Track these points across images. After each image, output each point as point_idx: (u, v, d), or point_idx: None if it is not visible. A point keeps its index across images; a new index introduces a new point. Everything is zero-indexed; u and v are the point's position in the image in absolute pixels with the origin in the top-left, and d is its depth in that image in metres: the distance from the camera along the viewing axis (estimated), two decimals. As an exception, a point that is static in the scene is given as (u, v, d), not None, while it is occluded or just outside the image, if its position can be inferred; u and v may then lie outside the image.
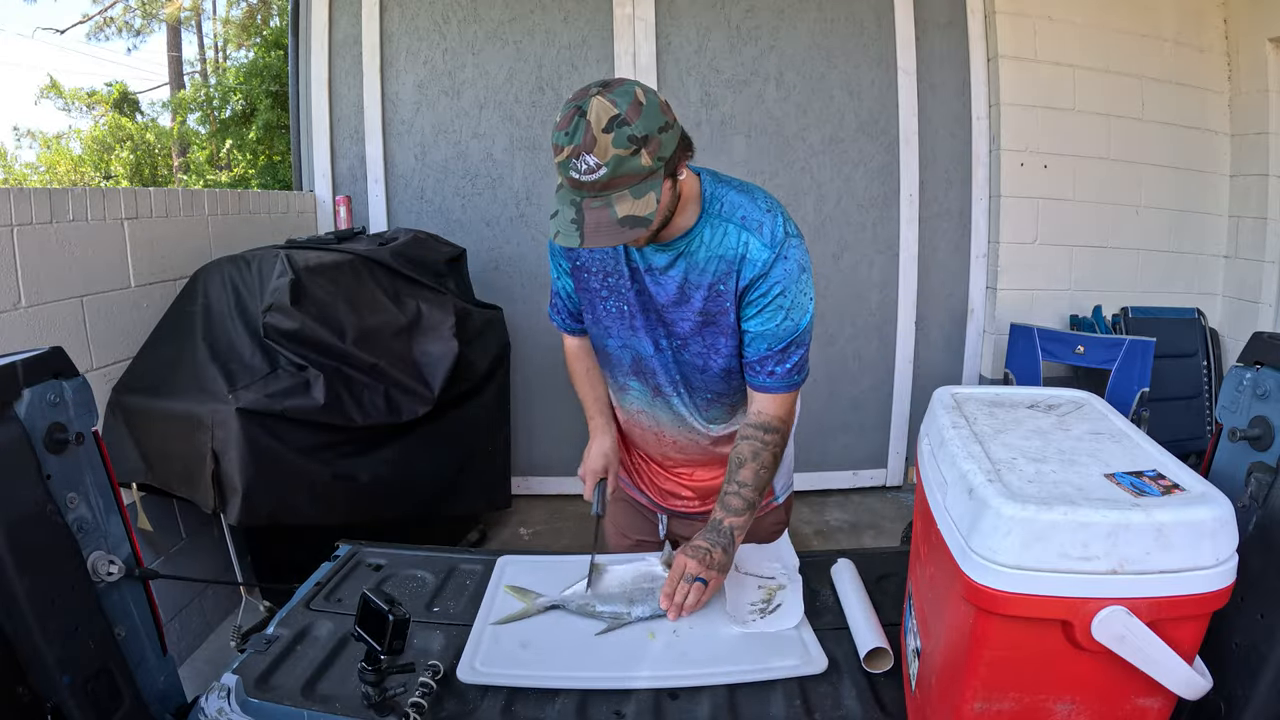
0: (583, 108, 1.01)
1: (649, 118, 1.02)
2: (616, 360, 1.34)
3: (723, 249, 1.18)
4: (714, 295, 1.20)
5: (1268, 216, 3.10)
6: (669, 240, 1.19)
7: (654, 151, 1.03)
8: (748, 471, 1.21)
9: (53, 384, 1.05)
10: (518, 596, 1.24)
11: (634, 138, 1.01)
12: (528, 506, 3.34)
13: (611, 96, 1.01)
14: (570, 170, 1.03)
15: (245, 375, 2.03)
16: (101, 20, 11.72)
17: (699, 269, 1.19)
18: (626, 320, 1.27)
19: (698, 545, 1.18)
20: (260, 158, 9.48)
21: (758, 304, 1.18)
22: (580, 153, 1.01)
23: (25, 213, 1.84)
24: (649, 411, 1.37)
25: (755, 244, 1.16)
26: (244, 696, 1.01)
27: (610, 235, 1.04)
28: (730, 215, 1.18)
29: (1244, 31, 3.15)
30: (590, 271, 1.27)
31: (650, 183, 1.04)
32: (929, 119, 3.22)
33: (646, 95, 1.04)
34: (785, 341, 1.20)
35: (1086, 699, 0.74)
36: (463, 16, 3.18)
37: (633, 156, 1.02)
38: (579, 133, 1.01)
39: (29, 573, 0.96)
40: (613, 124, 1.00)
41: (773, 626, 1.13)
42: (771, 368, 1.21)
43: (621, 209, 1.03)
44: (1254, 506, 0.87)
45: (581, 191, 1.04)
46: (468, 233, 3.23)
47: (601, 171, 1.01)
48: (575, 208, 1.05)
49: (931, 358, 3.42)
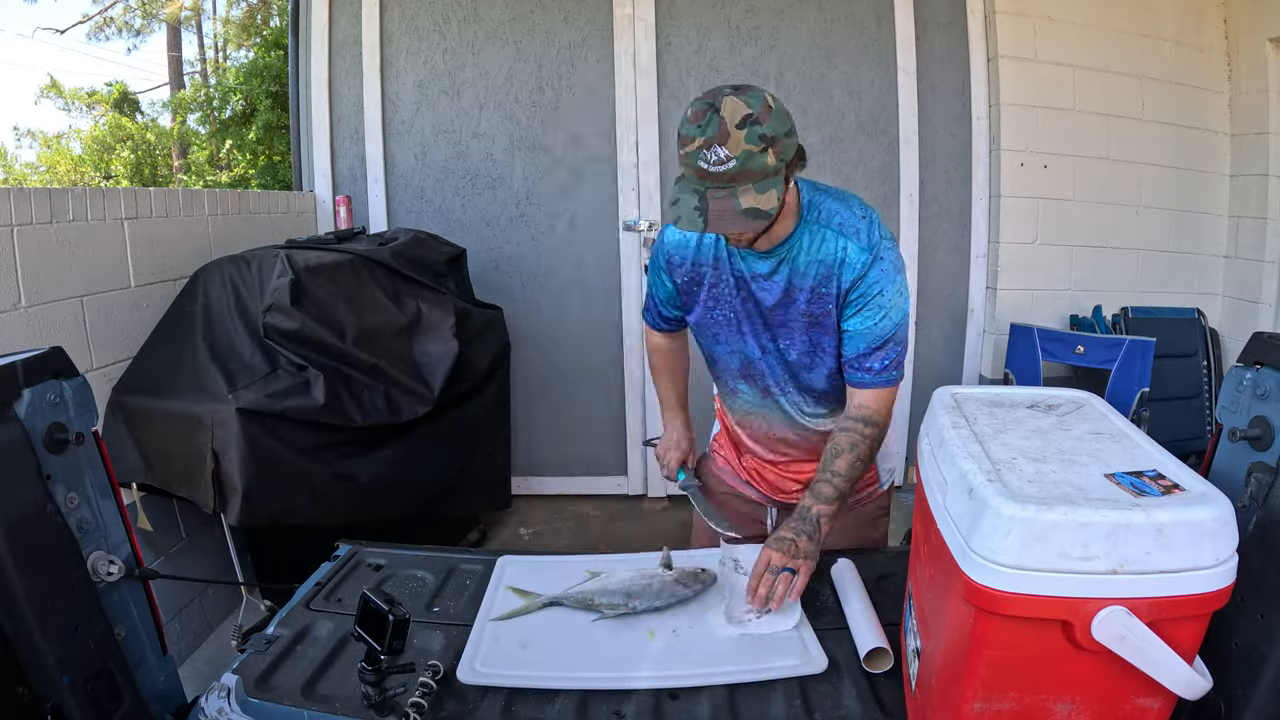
0: (716, 105, 1.08)
1: (778, 120, 1.10)
2: (725, 365, 1.41)
3: (822, 254, 1.24)
4: (816, 298, 1.26)
5: (1268, 216, 3.10)
6: (771, 248, 1.25)
7: (779, 152, 1.10)
8: (843, 462, 1.25)
9: (53, 384, 1.05)
10: (518, 596, 1.24)
11: (764, 136, 1.08)
12: (528, 506, 3.34)
13: (745, 98, 1.08)
14: (699, 160, 1.09)
15: (245, 375, 2.02)
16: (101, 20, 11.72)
17: (800, 273, 1.25)
18: (735, 326, 1.34)
19: (782, 536, 1.20)
20: (260, 158, 9.47)
21: (857, 304, 1.24)
22: (713, 144, 1.07)
23: (25, 213, 1.84)
24: (760, 412, 1.43)
25: (853, 248, 1.22)
26: (244, 696, 1.01)
27: (734, 223, 1.10)
28: (828, 221, 1.24)
29: (1244, 31, 3.15)
30: (698, 284, 1.35)
31: (773, 180, 1.11)
32: (929, 119, 3.22)
33: (775, 101, 1.11)
34: (882, 339, 1.25)
35: (1086, 699, 0.74)
36: (463, 16, 3.18)
37: (761, 154, 1.08)
38: (712, 126, 1.07)
39: (29, 573, 0.96)
40: (746, 121, 1.07)
41: (768, 628, 1.13)
42: (870, 364, 1.27)
43: (746, 200, 1.09)
44: (1254, 506, 0.87)
45: (707, 182, 1.10)
46: (468, 233, 3.22)
47: (731, 164, 1.08)
48: (699, 196, 1.11)
49: (931, 358, 3.42)
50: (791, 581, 1.16)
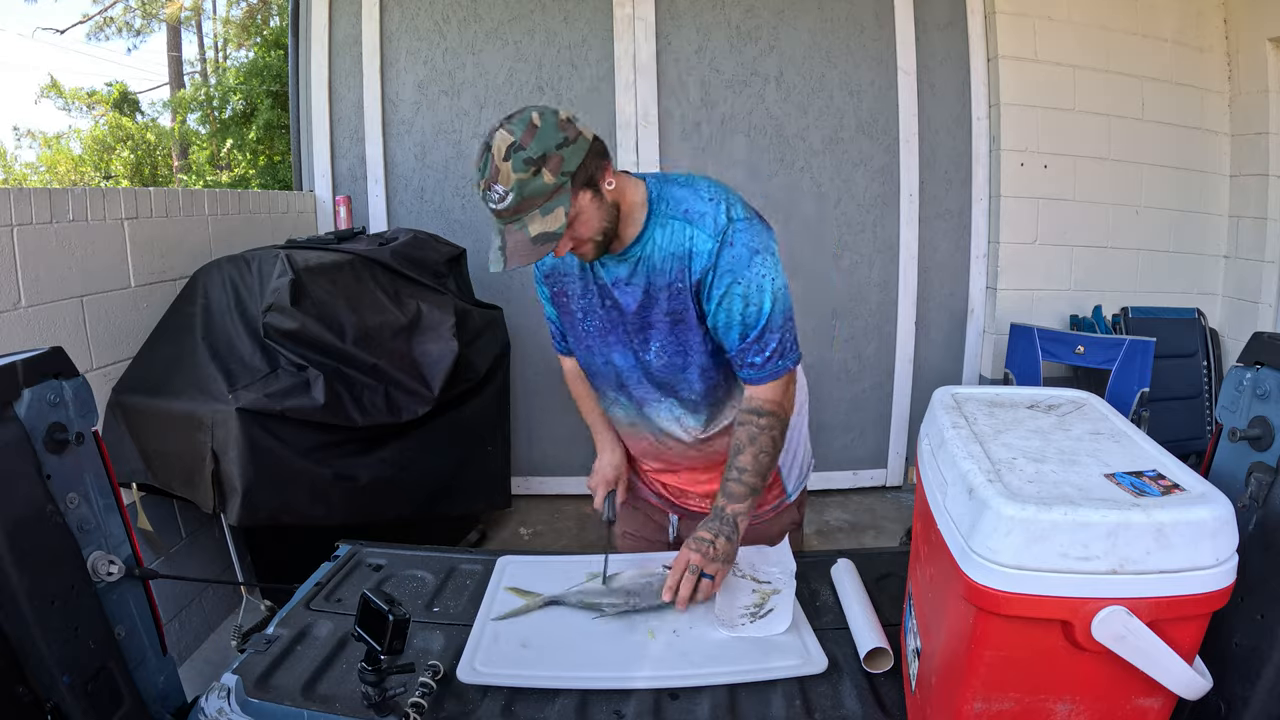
0: (489, 142, 1.09)
1: (544, 137, 1.08)
2: (602, 377, 1.37)
3: (673, 246, 1.19)
4: (675, 294, 1.21)
5: (1268, 216, 3.10)
6: (623, 250, 1.21)
7: (555, 168, 1.08)
8: (746, 457, 1.22)
9: (53, 384, 1.05)
10: (518, 596, 1.24)
11: (530, 160, 1.07)
12: (528, 506, 3.34)
13: (510, 126, 1.08)
14: (487, 202, 1.10)
15: (245, 375, 2.02)
16: (101, 20, 11.72)
17: (657, 270, 1.21)
18: (603, 336, 1.30)
19: (700, 536, 1.18)
20: (260, 158, 9.48)
21: (714, 296, 1.18)
22: (490, 184, 1.08)
23: (25, 213, 1.84)
24: (638, 423, 1.39)
25: (700, 236, 1.17)
26: (244, 696, 1.01)
27: (526, 254, 1.10)
28: (675, 212, 1.19)
29: (1244, 31, 3.15)
30: (568, 295, 1.32)
31: (557, 199, 1.09)
32: (929, 119, 3.22)
33: (543, 116, 1.09)
34: (756, 329, 1.19)
35: (1086, 699, 0.74)
36: (463, 16, 3.18)
37: (534, 178, 1.07)
38: (487, 166, 1.08)
39: (29, 573, 0.96)
40: (510, 151, 1.06)
41: (761, 632, 1.13)
42: (750, 358, 1.21)
43: (534, 228, 1.09)
44: (1254, 506, 0.86)
45: (501, 219, 1.11)
46: (468, 233, 3.22)
47: (510, 198, 1.08)
48: (500, 235, 1.12)
49: (931, 358, 3.42)
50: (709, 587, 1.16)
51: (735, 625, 1.14)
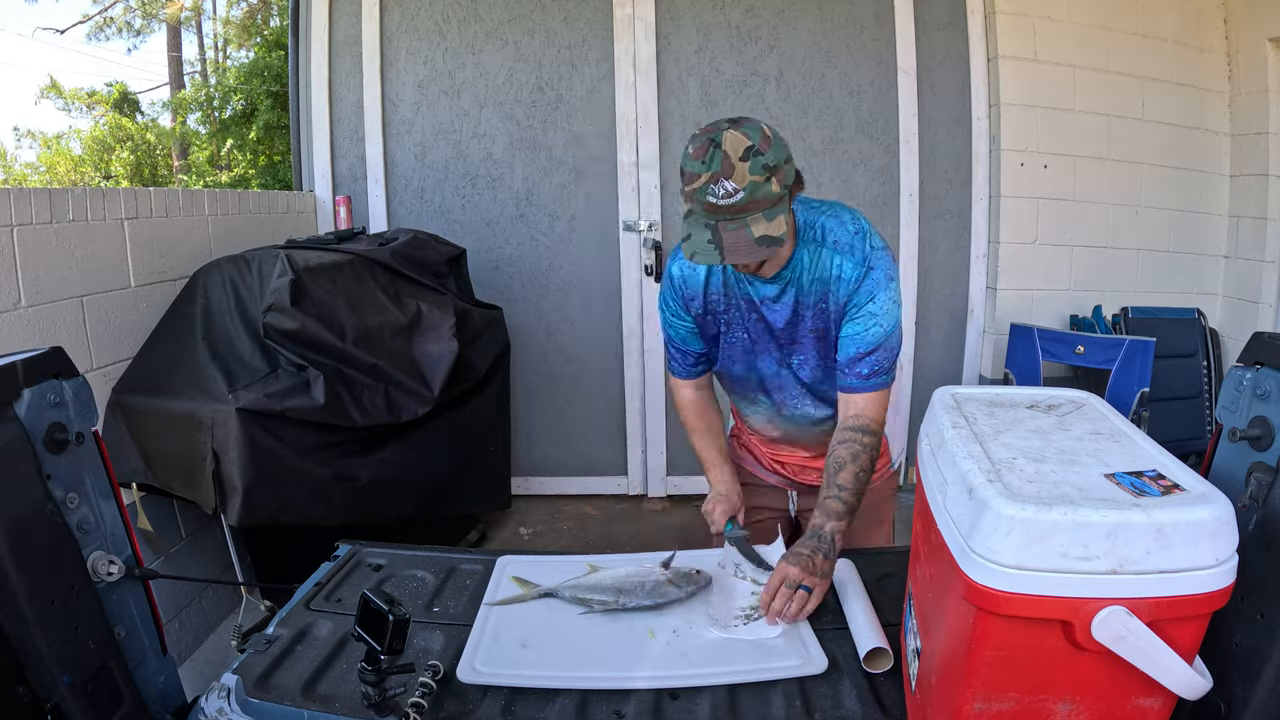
0: (717, 140, 1.12)
1: (777, 149, 1.15)
2: (744, 383, 1.46)
3: (820, 271, 1.29)
4: (819, 314, 1.32)
5: (1268, 216, 3.10)
6: (775, 272, 1.30)
7: (782, 179, 1.15)
8: (846, 475, 1.27)
9: (53, 384, 1.05)
10: (519, 586, 1.25)
11: (767, 166, 1.12)
12: (528, 506, 3.34)
13: (744, 130, 1.13)
14: (708, 195, 1.13)
15: (245, 375, 2.02)
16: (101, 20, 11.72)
17: (805, 291, 1.31)
18: (749, 347, 1.39)
19: (800, 552, 1.19)
20: (260, 158, 9.48)
21: (850, 313, 1.29)
22: (719, 178, 1.12)
23: (25, 213, 1.84)
24: (775, 421, 1.49)
25: (848, 264, 1.27)
26: (244, 696, 1.01)
27: (749, 252, 1.14)
28: (824, 240, 1.29)
29: (1244, 31, 3.15)
30: (714, 314, 1.40)
31: (779, 207, 1.16)
32: (929, 119, 3.22)
33: (772, 130, 1.16)
34: (872, 345, 1.28)
35: (1086, 699, 0.74)
36: (463, 16, 3.18)
37: (765, 183, 1.13)
38: (715, 160, 1.11)
39: (29, 573, 0.96)
40: (749, 153, 1.11)
41: (753, 634, 1.12)
42: (859, 369, 1.30)
43: (758, 229, 1.14)
44: (1254, 506, 0.87)
45: (718, 215, 1.15)
46: (468, 233, 3.22)
47: (739, 195, 1.12)
48: (710, 230, 1.15)
49: (931, 358, 3.42)
50: (806, 600, 1.15)
51: (728, 626, 1.14)
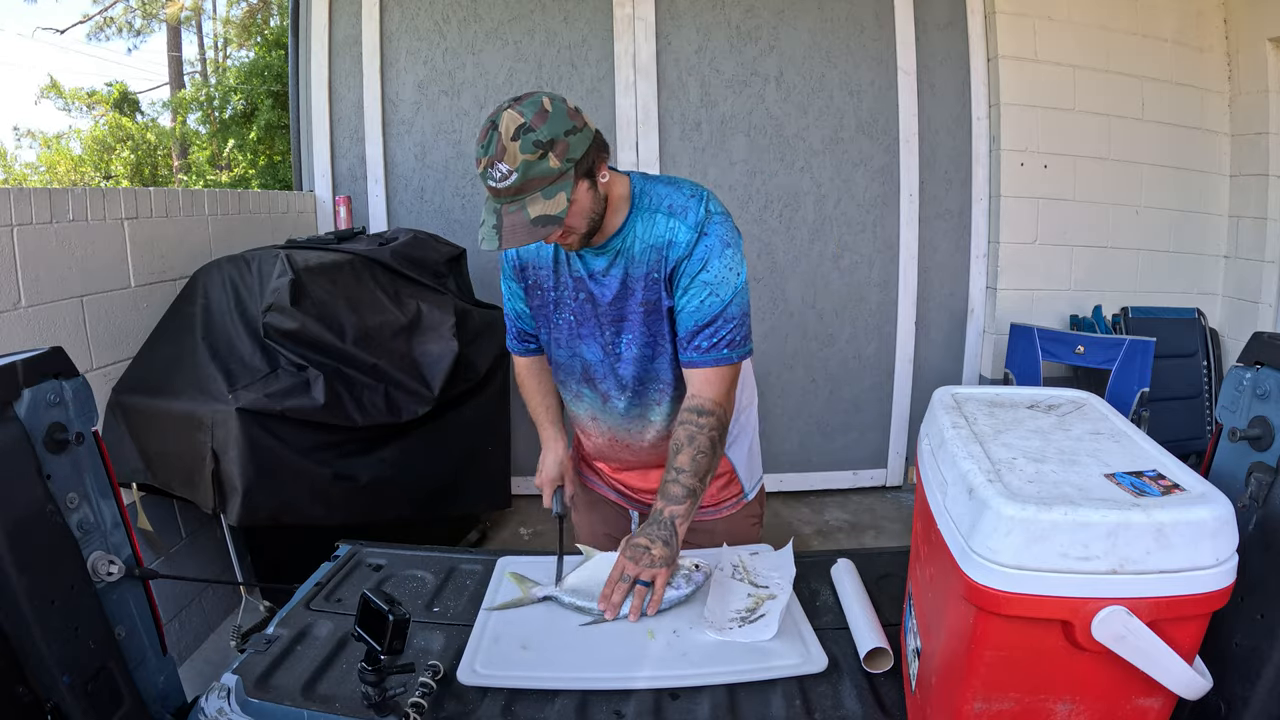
0: (495, 121, 1.10)
1: (555, 123, 1.10)
2: (568, 369, 1.40)
3: (653, 238, 1.24)
4: (650, 284, 1.25)
5: (1268, 216, 3.10)
6: (604, 243, 1.25)
7: (561, 154, 1.10)
8: (684, 457, 1.23)
9: (53, 384, 1.05)
10: (517, 583, 1.25)
11: (539, 142, 1.08)
12: (528, 506, 3.34)
13: (520, 108, 1.10)
14: (488, 179, 1.11)
15: (245, 375, 2.02)
16: (101, 20, 11.72)
17: (635, 261, 1.25)
18: (575, 329, 1.33)
19: (636, 543, 1.18)
20: (260, 158, 9.48)
21: (683, 284, 1.23)
22: (494, 162, 1.09)
23: (25, 213, 1.84)
24: (601, 418, 1.42)
25: (680, 227, 1.22)
26: (244, 696, 1.01)
27: (525, 234, 1.11)
28: (658, 206, 1.24)
29: (1244, 31, 3.15)
30: (541, 288, 1.35)
31: (560, 184, 1.11)
32: (929, 119, 3.22)
33: (553, 103, 1.11)
34: (710, 316, 1.23)
35: (1086, 699, 0.74)
36: (463, 16, 3.18)
37: (540, 160, 1.09)
38: (492, 143, 1.09)
39: (29, 573, 0.96)
40: (519, 132, 1.08)
41: (748, 637, 1.12)
42: (698, 341, 1.25)
43: (534, 210, 1.10)
44: (1254, 506, 0.86)
45: (500, 198, 1.12)
46: (468, 233, 3.22)
47: (513, 177, 1.09)
48: (495, 214, 1.12)
49: (931, 358, 3.42)
50: (647, 594, 1.15)
51: (723, 629, 1.14)
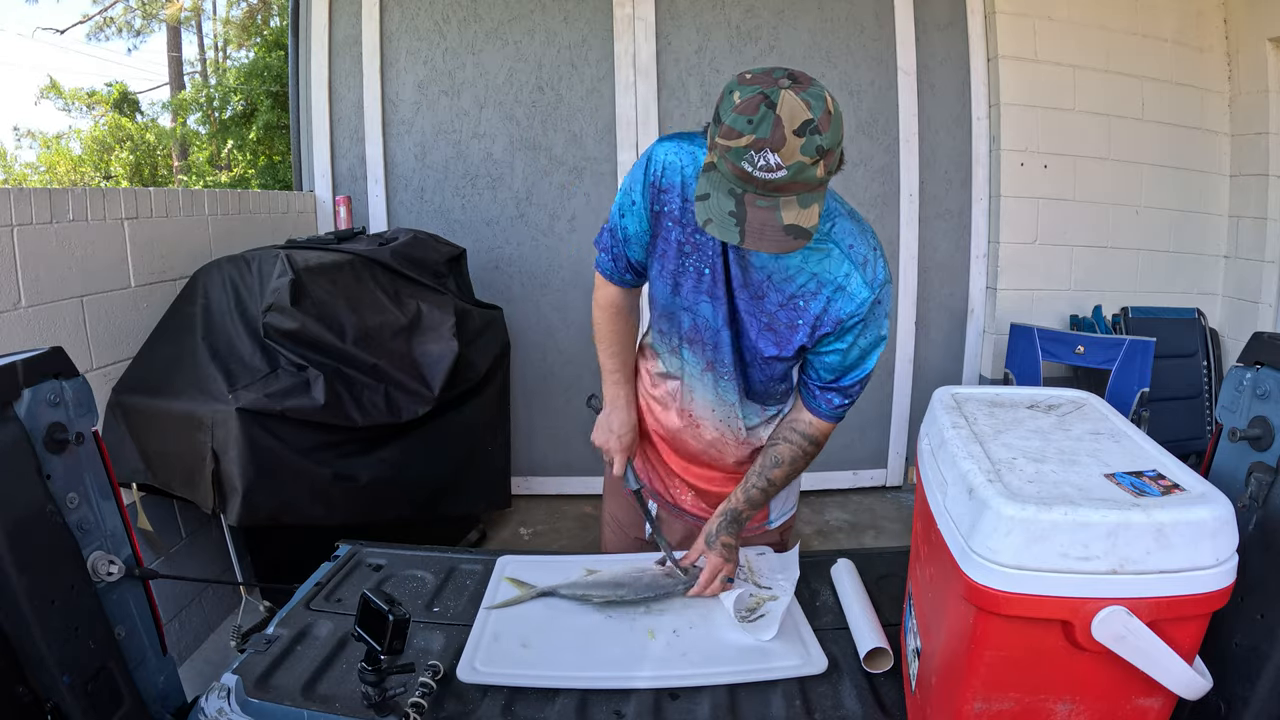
0: (772, 99, 0.94)
1: (836, 130, 0.97)
2: (675, 320, 1.25)
3: (820, 268, 1.13)
4: (792, 306, 1.15)
5: (1268, 216, 3.10)
6: None
7: (829, 166, 0.99)
8: (780, 472, 1.27)
9: (53, 384, 1.05)
10: (516, 587, 1.26)
11: (820, 148, 0.95)
12: (528, 506, 3.34)
13: (805, 96, 0.95)
14: (743, 160, 0.95)
15: (245, 375, 2.02)
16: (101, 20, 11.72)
17: (785, 274, 1.14)
18: (705, 284, 1.19)
19: (727, 544, 1.24)
20: (260, 158, 9.48)
21: (844, 338, 1.16)
22: (764, 147, 0.94)
23: (25, 213, 1.84)
24: (691, 386, 1.30)
25: (857, 280, 1.12)
26: (244, 696, 1.01)
27: (774, 242, 0.98)
28: (839, 240, 1.13)
29: (1244, 31, 3.15)
30: (678, 223, 1.18)
31: (817, 194, 0.99)
32: (929, 119, 3.22)
33: (835, 104, 0.98)
34: (855, 378, 1.21)
35: (1086, 699, 0.74)
36: (463, 16, 3.18)
37: (813, 166, 0.96)
38: (765, 125, 0.93)
39: (29, 573, 0.96)
40: (805, 128, 0.94)
41: (746, 636, 1.13)
42: (830, 397, 1.24)
43: (788, 215, 0.97)
44: (1254, 506, 0.87)
45: (748, 185, 0.97)
46: (468, 233, 3.22)
47: (781, 173, 0.95)
48: (735, 199, 0.98)
49: (931, 358, 3.42)
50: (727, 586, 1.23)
51: (736, 618, 1.15)
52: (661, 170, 1.17)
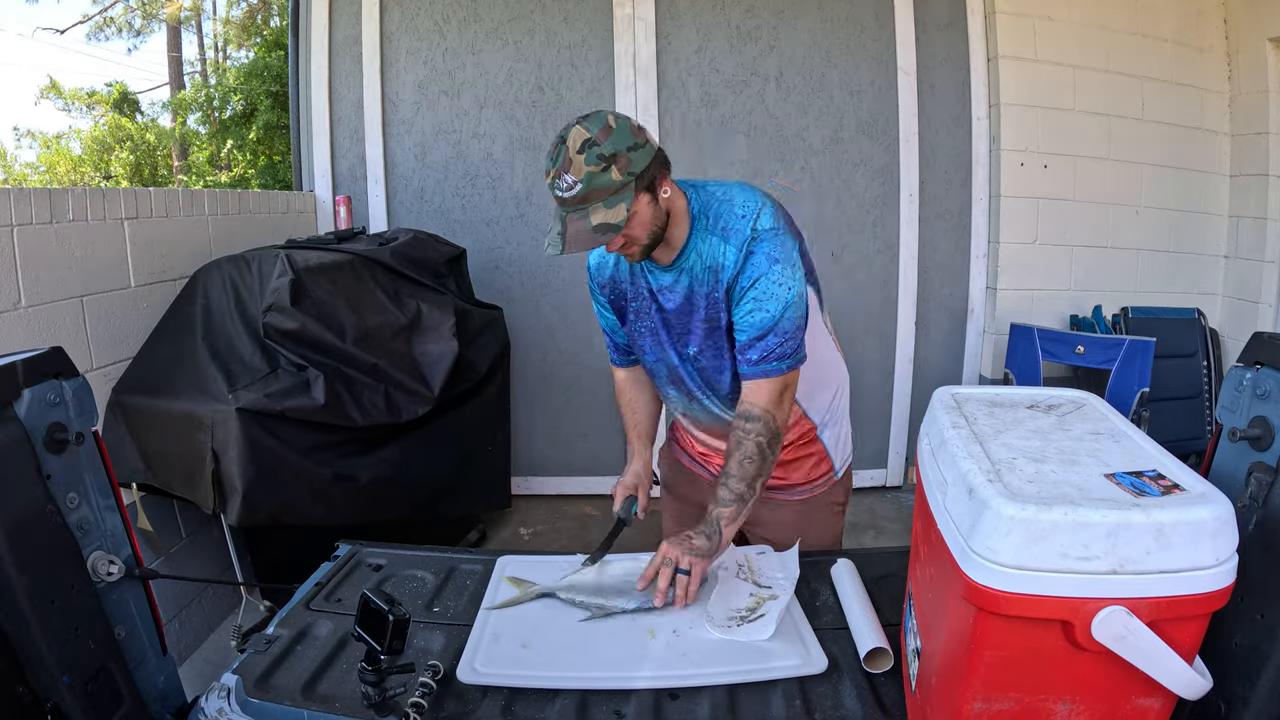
0: (564, 136, 1.18)
1: (618, 138, 1.17)
2: (655, 373, 1.48)
3: (709, 259, 1.29)
4: (711, 302, 1.31)
5: (1268, 216, 3.10)
6: (671, 261, 1.31)
7: (624, 167, 1.17)
8: (733, 462, 1.28)
9: (53, 384, 1.05)
10: (515, 586, 1.26)
11: (602, 155, 1.16)
12: (528, 506, 3.34)
13: (586, 124, 1.17)
14: (555, 189, 1.19)
15: (245, 375, 2.03)
16: (101, 20, 11.72)
17: (697, 279, 1.31)
18: (655, 337, 1.40)
19: (681, 534, 1.26)
20: (260, 158, 9.48)
21: (736, 299, 1.29)
22: (560, 173, 1.17)
23: (25, 213, 1.84)
24: (689, 414, 1.50)
25: (729, 250, 1.27)
26: (244, 696, 1.01)
27: (586, 240, 1.19)
28: (714, 227, 1.29)
29: (1244, 31, 3.15)
30: (626, 299, 1.43)
31: (621, 195, 1.18)
32: (929, 119, 3.22)
33: (618, 120, 1.19)
34: (759, 330, 1.27)
35: (1086, 699, 0.74)
36: (463, 16, 3.18)
37: (603, 173, 1.16)
38: (560, 156, 1.17)
39: (29, 573, 0.97)
40: (585, 146, 1.16)
41: (745, 636, 1.12)
42: (749, 354, 1.29)
43: (596, 218, 1.18)
44: (1254, 506, 0.87)
45: (565, 207, 1.19)
46: (468, 233, 3.23)
47: (577, 188, 1.16)
48: (561, 221, 1.20)
49: (931, 358, 3.42)
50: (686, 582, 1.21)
51: (723, 626, 1.14)
52: (594, 272, 1.46)
